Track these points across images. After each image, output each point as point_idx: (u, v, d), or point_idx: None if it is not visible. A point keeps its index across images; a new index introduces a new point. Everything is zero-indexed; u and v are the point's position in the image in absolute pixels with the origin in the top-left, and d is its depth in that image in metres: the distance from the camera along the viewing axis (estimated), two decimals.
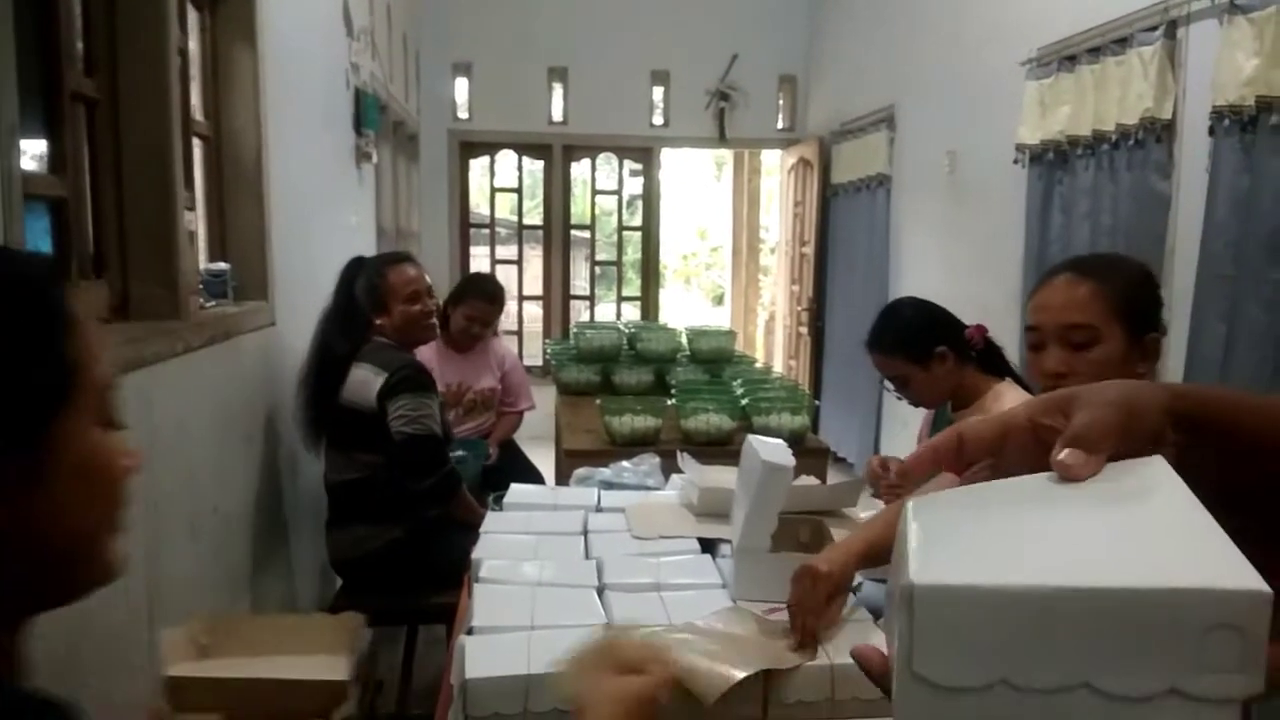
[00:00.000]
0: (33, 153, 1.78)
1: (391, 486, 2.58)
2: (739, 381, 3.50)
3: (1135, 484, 0.46)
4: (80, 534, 0.64)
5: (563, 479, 2.93)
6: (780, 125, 7.00)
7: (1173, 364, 2.88)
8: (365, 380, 2.56)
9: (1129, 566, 0.41)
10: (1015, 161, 3.78)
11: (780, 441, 1.58)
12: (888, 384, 2.33)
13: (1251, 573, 0.38)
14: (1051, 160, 3.58)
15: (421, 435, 2.55)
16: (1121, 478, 0.46)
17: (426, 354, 3.59)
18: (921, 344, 2.21)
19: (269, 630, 1.41)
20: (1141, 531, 0.43)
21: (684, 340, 4.17)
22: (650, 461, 2.41)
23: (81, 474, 0.63)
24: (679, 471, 2.23)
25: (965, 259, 4.46)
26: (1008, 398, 2.14)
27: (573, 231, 7.11)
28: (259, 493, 2.62)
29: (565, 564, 1.64)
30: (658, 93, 6.84)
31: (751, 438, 1.58)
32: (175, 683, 1.14)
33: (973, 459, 0.51)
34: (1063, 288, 1.48)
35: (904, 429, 4.42)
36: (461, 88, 6.67)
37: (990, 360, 2.26)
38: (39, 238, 1.76)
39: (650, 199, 7.17)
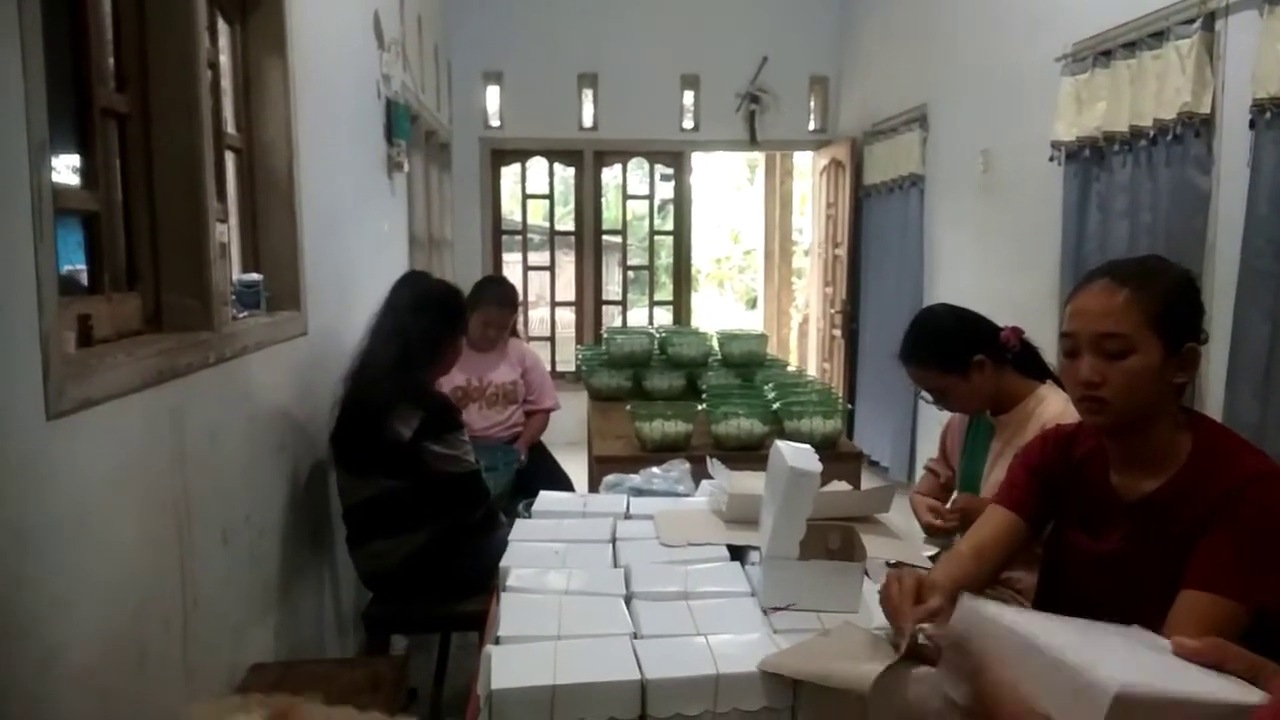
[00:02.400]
0: (65, 167, 1.81)
1: (409, 502, 2.58)
2: (771, 386, 3.47)
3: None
4: None
5: (595, 485, 2.93)
6: (812, 127, 6.96)
7: (1215, 362, 2.82)
8: (404, 416, 2.55)
9: (1227, 689, 0.75)
10: (1051, 159, 3.72)
11: (807, 447, 1.56)
12: (925, 394, 2.29)
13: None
14: (1088, 157, 3.52)
15: (469, 473, 2.61)
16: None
17: None
18: (958, 354, 2.16)
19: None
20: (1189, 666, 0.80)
21: (715, 344, 4.14)
22: (680, 468, 2.39)
23: None
24: (709, 477, 2.21)
25: (1001, 259, 4.40)
26: (1050, 400, 2.10)
27: (604, 237, 7.12)
28: (292, 502, 2.64)
29: (593, 572, 1.63)
30: (688, 96, 6.83)
31: (779, 443, 1.57)
32: None
33: None
34: (1099, 295, 1.43)
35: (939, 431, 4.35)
36: (493, 96, 6.71)
37: (1028, 362, 2.22)
38: (72, 251, 1.79)
39: (681, 203, 7.15)
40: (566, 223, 7.28)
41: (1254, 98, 2.63)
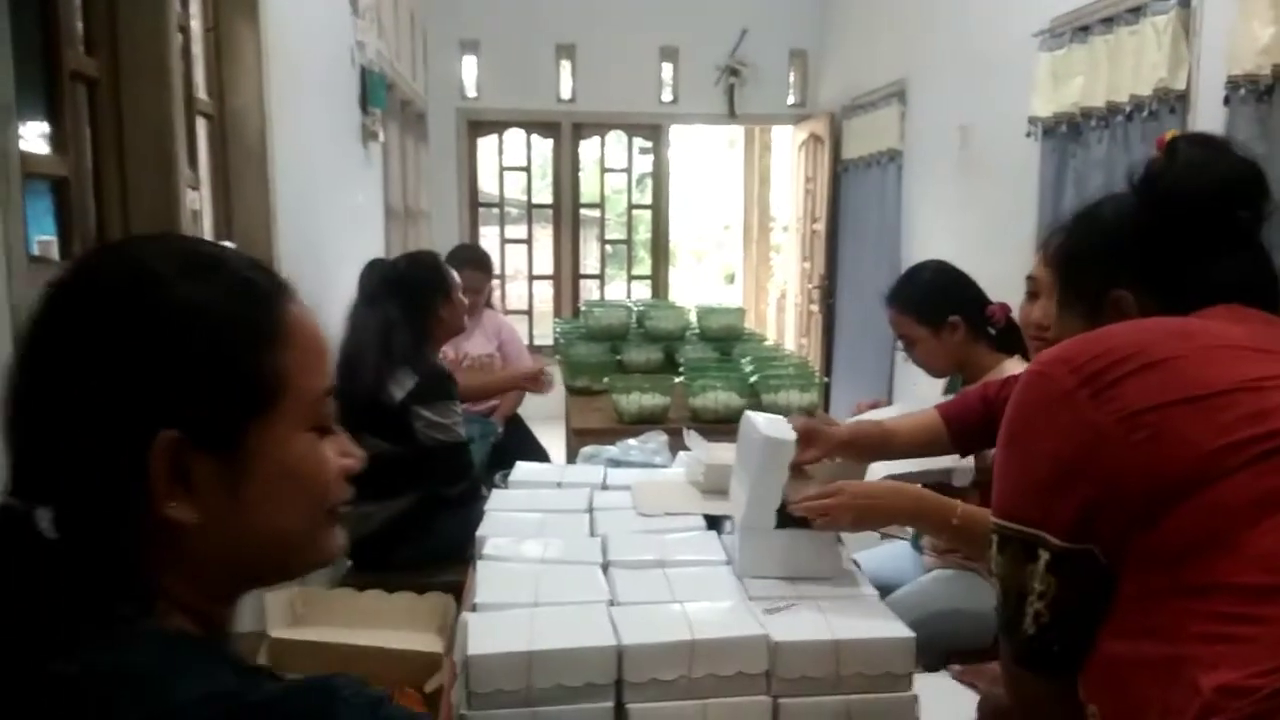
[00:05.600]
0: (34, 133, 1.77)
1: (395, 467, 2.58)
2: (748, 359, 3.48)
3: None
4: (287, 529, 0.68)
5: (573, 458, 2.93)
6: (791, 101, 6.94)
7: None
8: (398, 379, 2.57)
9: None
10: (1028, 135, 3.74)
11: (780, 417, 1.57)
12: (899, 341, 2.35)
13: None
14: (1064, 133, 3.54)
15: (455, 443, 2.60)
16: None
17: None
18: (934, 309, 2.22)
19: (360, 605, 1.44)
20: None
21: (693, 318, 4.15)
22: (657, 439, 2.40)
23: (285, 477, 0.66)
24: (686, 449, 2.22)
25: (977, 234, 4.42)
26: (1007, 367, 2.14)
27: (582, 210, 7.08)
28: None
29: (570, 541, 1.64)
30: (667, 69, 6.79)
31: (750, 413, 1.57)
32: (277, 644, 1.17)
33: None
34: None
35: (916, 406, 4.39)
36: (469, 66, 6.63)
37: (1010, 340, 2.24)
38: (41, 217, 1.76)
39: (660, 177, 7.12)
40: (544, 196, 7.24)
41: (1228, 75, 2.65)
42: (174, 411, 0.61)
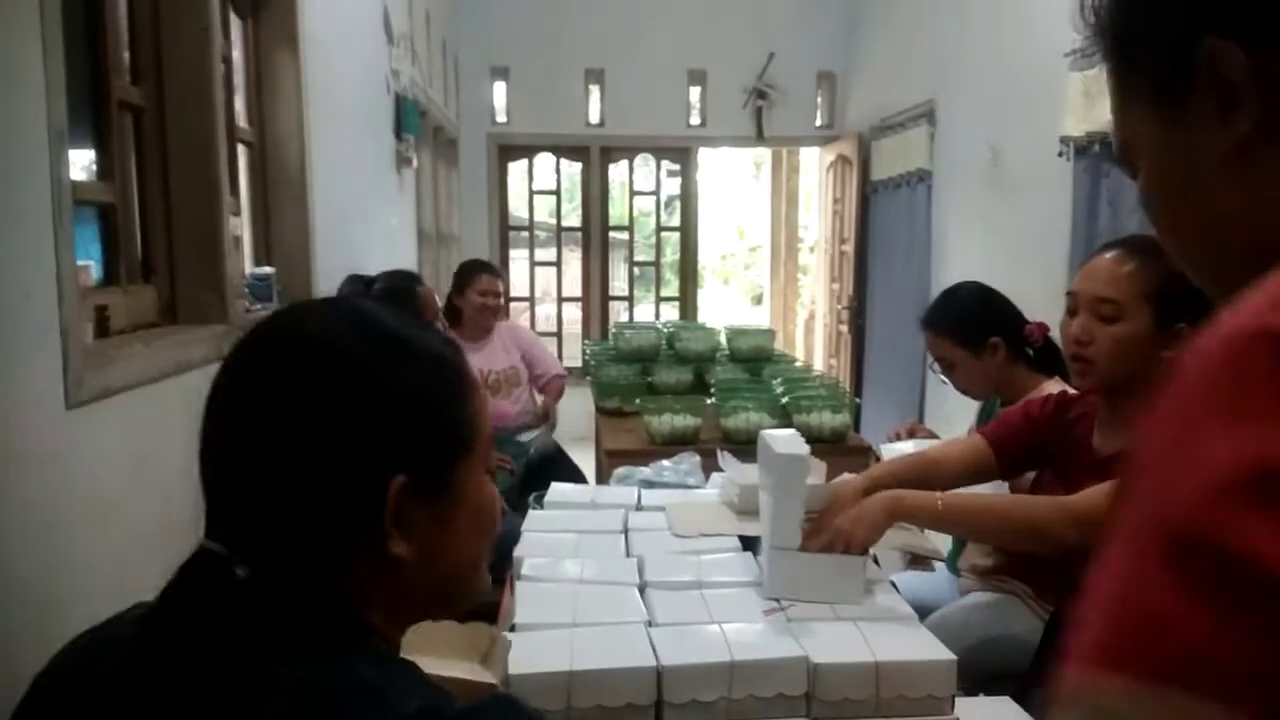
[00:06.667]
0: (81, 161, 1.82)
1: None
2: (779, 380, 3.48)
3: None
4: (471, 560, 0.78)
5: (604, 479, 2.94)
6: (819, 123, 6.95)
7: None
8: None
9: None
10: (1060, 155, 3.72)
11: (793, 432, 1.58)
12: (934, 365, 2.32)
13: None
14: (1097, 153, 3.51)
15: None
16: None
17: None
18: (974, 330, 2.20)
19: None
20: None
21: (723, 339, 4.15)
22: (690, 460, 2.40)
23: (476, 512, 0.76)
24: (719, 470, 2.22)
25: (1009, 255, 4.39)
26: (1046, 388, 2.12)
27: (611, 233, 7.11)
28: None
29: (606, 562, 1.64)
30: (695, 93, 6.83)
31: (764, 433, 1.57)
32: None
33: None
34: (1108, 262, 1.57)
35: (947, 426, 4.36)
36: (500, 91, 6.71)
37: (1048, 360, 2.22)
38: (88, 243, 1.80)
39: (688, 199, 7.15)
40: (573, 219, 7.28)
41: None
42: (401, 460, 0.70)
